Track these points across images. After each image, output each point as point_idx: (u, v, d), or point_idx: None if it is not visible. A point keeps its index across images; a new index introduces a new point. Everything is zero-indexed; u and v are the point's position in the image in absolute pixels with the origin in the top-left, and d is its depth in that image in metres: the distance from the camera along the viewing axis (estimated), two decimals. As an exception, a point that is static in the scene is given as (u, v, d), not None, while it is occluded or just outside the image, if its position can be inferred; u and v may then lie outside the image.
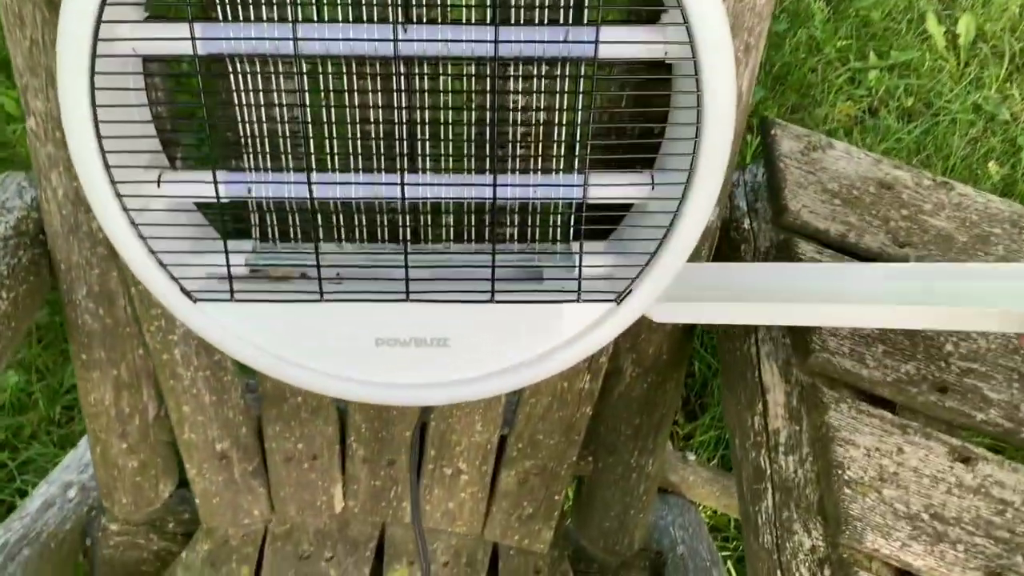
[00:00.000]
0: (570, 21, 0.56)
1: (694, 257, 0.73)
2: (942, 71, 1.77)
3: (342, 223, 0.65)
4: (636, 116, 0.66)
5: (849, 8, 1.84)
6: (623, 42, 0.55)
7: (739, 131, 0.70)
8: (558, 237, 0.66)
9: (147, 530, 0.92)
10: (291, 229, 0.65)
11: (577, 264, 0.61)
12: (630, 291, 0.61)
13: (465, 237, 0.66)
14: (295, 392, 0.80)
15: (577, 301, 0.61)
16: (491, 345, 0.63)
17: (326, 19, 0.54)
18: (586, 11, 0.55)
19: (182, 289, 0.60)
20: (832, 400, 0.64)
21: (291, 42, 0.54)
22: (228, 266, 0.61)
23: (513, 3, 0.55)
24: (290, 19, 0.53)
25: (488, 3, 0.54)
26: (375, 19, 0.54)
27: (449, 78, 0.59)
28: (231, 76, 0.57)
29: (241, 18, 0.54)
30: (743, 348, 0.71)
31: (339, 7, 0.54)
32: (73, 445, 1.23)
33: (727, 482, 1.12)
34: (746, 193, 0.78)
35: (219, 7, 0.53)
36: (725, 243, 0.75)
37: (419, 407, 0.82)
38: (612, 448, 0.85)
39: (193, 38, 0.53)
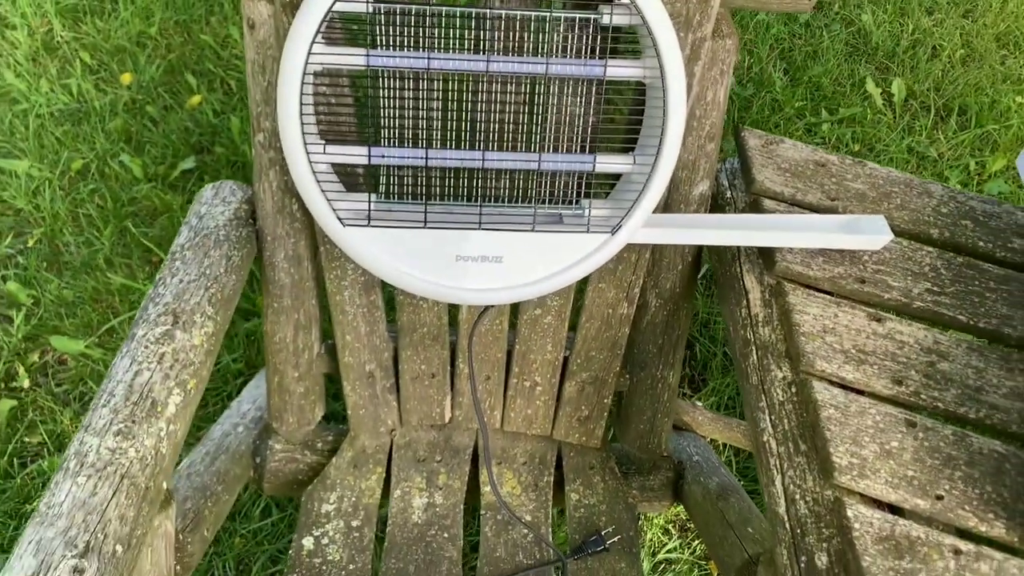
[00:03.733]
0: (586, 56, 0.94)
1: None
2: (881, 122, 2.18)
3: (436, 182, 1.00)
4: (625, 119, 1.03)
5: (803, 76, 2.26)
6: (620, 67, 0.93)
7: (719, 132, 1.07)
8: (573, 196, 1.02)
9: (303, 448, 1.24)
10: (401, 186, 1.00)
11: (586, 211, 0.97)
12: (620, 226, 0.97)
13: (513, 194, 1.02)
14: (422, 324, 1.14)
15: (587, 232, 0.97)
16: (531, 262, 0.98)
17: (441, 49, 0.92)
18: (597, 52, 0.93)
19: (337, 217, 0.95)
20: (791, 289, 0.98)
21: (425, 62, 0.91)
22: (369, 202, 0.96)
23: (557, 49, 0.93)
24: (424, 48, 0.91)
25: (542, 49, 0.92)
26: (468, 50, 0.92)
27: (512, 89, 0.96)
28: (381, 84, 0.94)
29: (389, 46, 0.91)
30: (731, 269, 1.05)
31: (452, 45, 0.92)
32: (205, 425, 1.55)
33: (728, 421, 1.45)
34: (727, 175, 1.14)
35: (378, 40, 0.91)
36: (715, 207, 1.11)
37: (506, 336, 1.16)
38: (643, 364, 1.19)
39: (368, 56, 0.90)
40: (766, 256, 1.03)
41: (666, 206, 1.08)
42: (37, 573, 0.69)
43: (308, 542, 1.12)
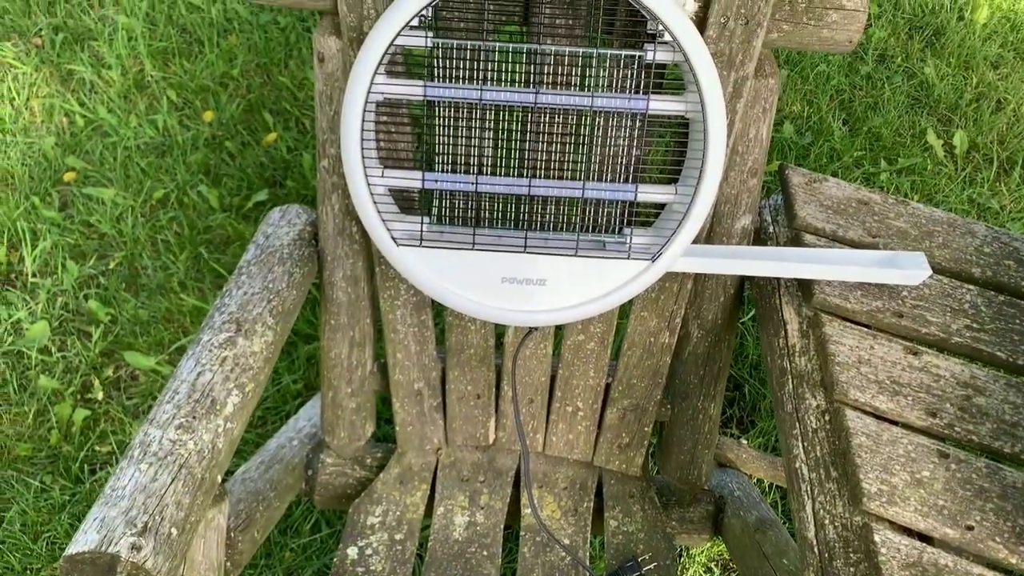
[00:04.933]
0: (630, 91, 0.98)
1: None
2: (941, 173, 2.17)
3: (485, 207, 1.05)
4: (669, 152, 1.07)
5: (863, 126, 2.28)
6: (663, 102, 0.97)
7: (761, 167, 1.10)
8: (616, 225, 1.06)
9: (353, 463, 1.29)
10: (452, 210, 1.05)
11: (628, 238, 1.01)
12: (661, 254, 1.00)
13: (559, 221, 1.06)
14: (469, 345, 1.19)
15: (628, 259, 1.00)
16: (573, 286, 1.02)
17: (493, 82, 0.98)
18: (641, 87, 0.97)
19: (392, 237, 1.00)
20: (827, 320, 1.00)
21: (478, 93, 0.96)
22: (422, 223, 1.02)
23: (603, 83, 0.98)
24: (477, 82, 0.97)
25: (588, 83, 0.97)
26: (519, 83, 0.97)
27: (559, 119, 1.02)
28: (437, 114, 1.00)
29: (445, 79, 0.97)
30: (771, 300, 1.08)
31: (504, 79, 0.98)
32: (263, 441, 1.61)
33: (772, 459, 1.45)
34: (771, 211, 1.17)
35: (435, 71, 0.97)
36: (757, 241, 1.14)
37: (549, 360, 1.20)
38: (684, 395, 1.21)
39: (425, 87, 0.96)
40: (805, 288, 1.05)
41: (708, 238, 1.11)
42: (99, 547, 0.75)
43: (352, 552, 1.16)
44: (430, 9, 0.95)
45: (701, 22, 1.00)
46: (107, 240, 1.95)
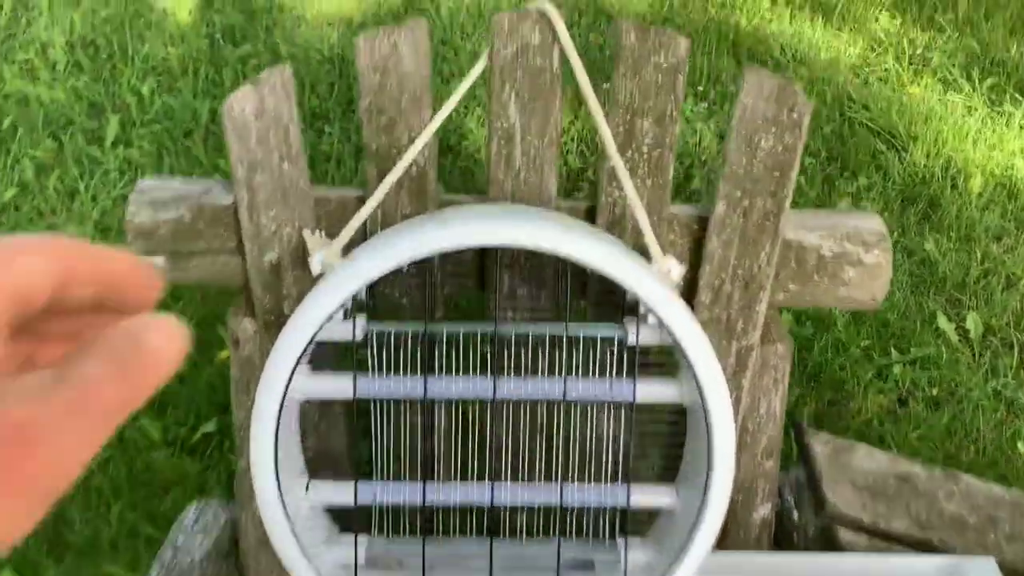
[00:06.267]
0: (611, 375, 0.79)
1: (755, 544, 0.91)
2: (959, 362, 1.99)
3: (439, 522, 0.84)
4: (664, 445, 0.87)
5: (867, 313, 2.11)
6: (653, 389, 0.78)
7: (777, 447, 0.90)
8: (606, 534, 0.84)
9: None
10: (397, 522, 0.84)
11: (622, 556, 0.79)
12: (665, 578, 0.78)
13: (533, 531, 0.85)
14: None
15: None
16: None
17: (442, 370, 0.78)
18: (625, 365, 0.78)
19: (318, 573, 0.78)
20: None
21: (422, 390, 0.77)
22: (356, 554, 0.80)
23: (579, 366, 0.79)
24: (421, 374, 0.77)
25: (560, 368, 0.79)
26: (474, 372, 0.78)
27: (526, 410, 0.82)
28: (371, 414, 0.80)
29: (381, 369, 0.78)
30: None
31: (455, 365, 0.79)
32: None
33: None
34: (792, 490, 0.96)
35: (369, 362, 0.78)
36: (779, 531, 0.93)
37: None
38: None
39: (355, 384, 0.77)
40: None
41: (723, 533, 0.89)
42: None
43: None
44: (363, 291, 0.77)
45: (691, 285, 0.83)
46: (31, 490, 1.72)
